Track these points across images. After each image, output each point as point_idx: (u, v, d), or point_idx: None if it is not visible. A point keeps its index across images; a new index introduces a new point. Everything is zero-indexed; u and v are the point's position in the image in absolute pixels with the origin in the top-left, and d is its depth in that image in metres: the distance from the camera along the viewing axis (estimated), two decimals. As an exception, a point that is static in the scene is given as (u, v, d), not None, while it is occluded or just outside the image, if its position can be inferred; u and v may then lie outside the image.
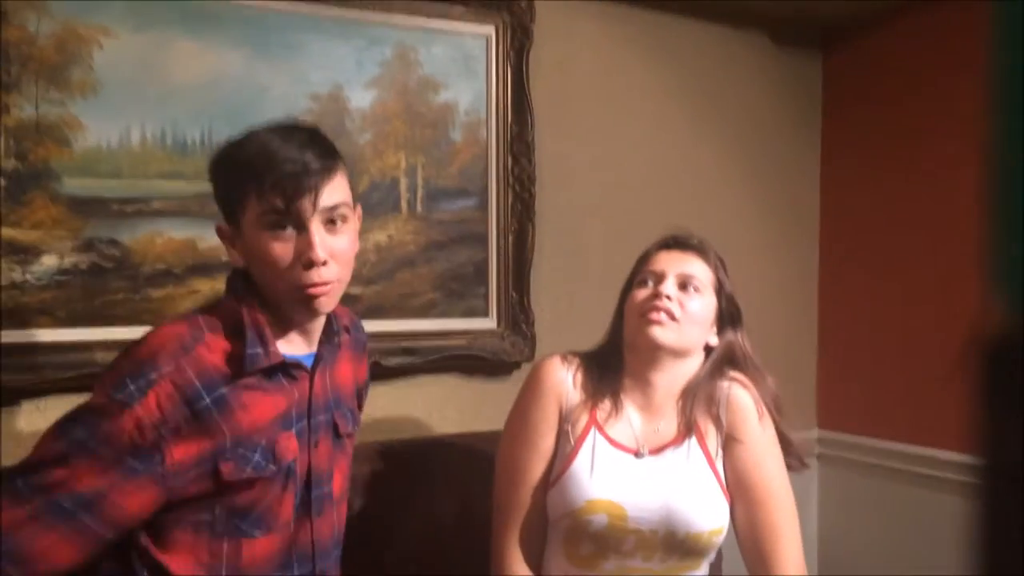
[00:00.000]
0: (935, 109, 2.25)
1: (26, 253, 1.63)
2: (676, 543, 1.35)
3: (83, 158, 1.67)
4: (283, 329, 1.20)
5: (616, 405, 1.44)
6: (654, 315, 1.40)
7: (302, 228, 1.13)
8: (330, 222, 1.15)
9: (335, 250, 1.15)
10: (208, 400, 1.11)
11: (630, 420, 1.44)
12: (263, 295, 1.18)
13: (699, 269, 1.46)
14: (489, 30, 2.04)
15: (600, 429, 1.41)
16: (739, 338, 1.50)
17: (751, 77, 2.44)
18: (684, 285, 1.43)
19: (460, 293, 2.04)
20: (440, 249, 2.01)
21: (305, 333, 1.23)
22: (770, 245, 2.49)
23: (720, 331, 1.49)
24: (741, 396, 1.45)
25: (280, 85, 1.84)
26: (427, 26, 1.98)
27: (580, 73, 2.20)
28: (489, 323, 2.06)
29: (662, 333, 1.40)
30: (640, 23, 2.27)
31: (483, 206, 2.05)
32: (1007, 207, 0.36)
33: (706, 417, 1.43)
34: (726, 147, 2.41)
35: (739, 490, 1.41)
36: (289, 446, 1.18)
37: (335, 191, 1.16)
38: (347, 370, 1.33)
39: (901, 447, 2.32)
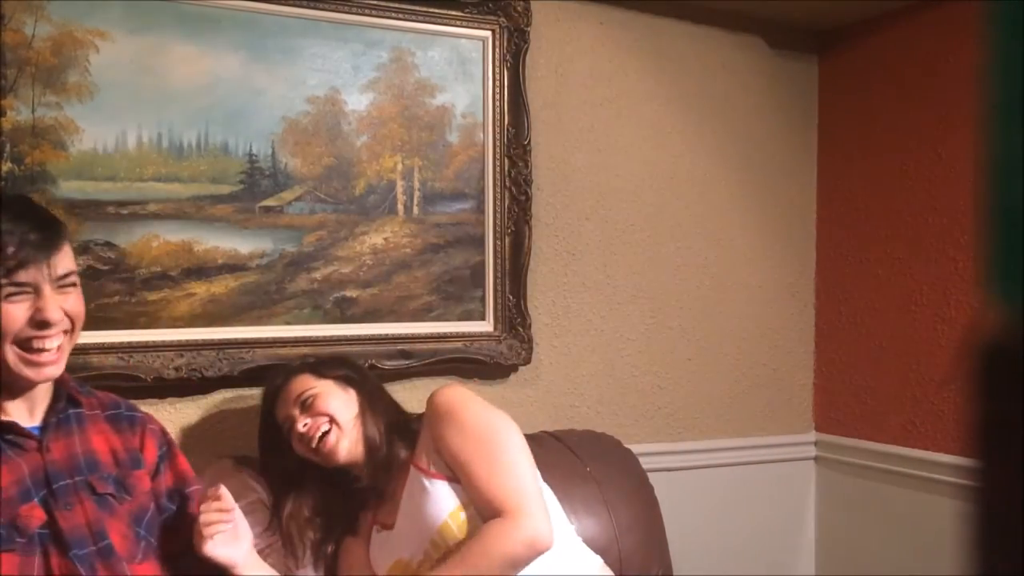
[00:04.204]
0: (931, 112, 2.25)
1: (22, 256, 1.63)
2: (443, 544, 1.48)
3: (79, 161, 1.67)
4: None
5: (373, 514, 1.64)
6: (308, 445, 1.57)
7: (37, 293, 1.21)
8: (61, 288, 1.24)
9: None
10: None
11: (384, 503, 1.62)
12: None
13: (316, 389, 1.60)
14: (486, 33, 2.04)
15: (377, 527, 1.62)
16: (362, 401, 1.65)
17: (747, 81, 2.44)
18: (303, 404, 1.58)
19: (457, 296, 2.04)
20: (437, 252, 2.01)
21: (28, 401, 1.27)
22: (767, 248, 2.49)
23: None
24: (433, 400, 1.59)
25: (277, 88, 1.84)
26: (424, 29, 1.98)
27: (577, 76, 2.20)
28: (486, 326, 2.06)
29: (335, 450, 1.56)
30: (636, 27, 2.28)
31: (480, 209, 2.05)
32: (1003, 210, 0.36)
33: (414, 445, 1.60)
34: (722, 150, 2.41)
35: (455, 467, 1.52)
36: (33, 514, 1.21)
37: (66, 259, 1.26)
38: (101, 441, 1.34)
39: (898, 450, 2.32)
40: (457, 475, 1.51)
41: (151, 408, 1.75)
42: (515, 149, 2.06)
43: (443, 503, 1.50)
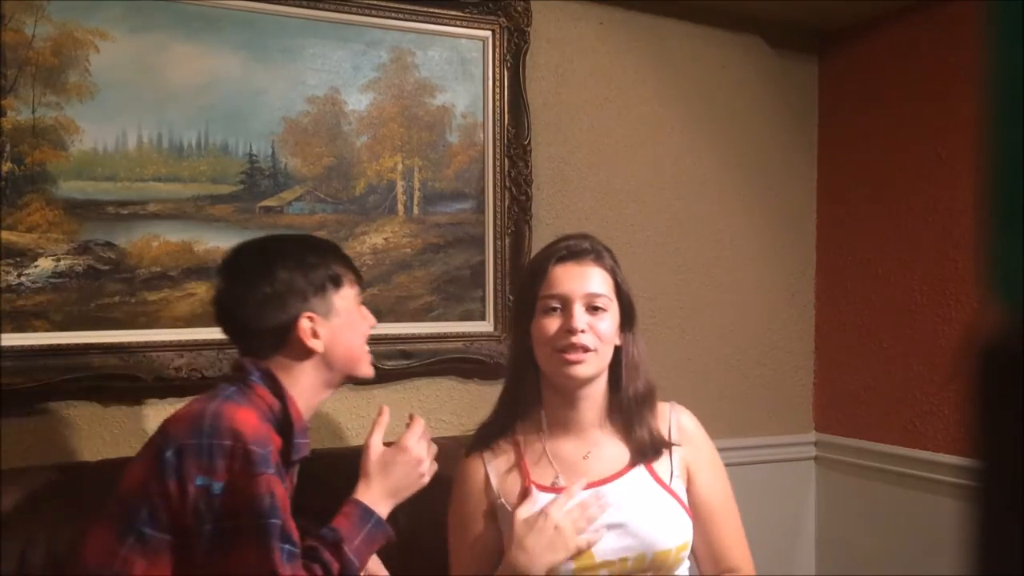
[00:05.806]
0: (931, 113, 2.25)
1: (22, 256, 1.63)
2: (645, 566, 1.37)
3: (79, 161, 1.67)
4: None
5: (545, 451, 1.45)
6: (573, 355, 1.37)
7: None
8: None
9: None
10: (285, 480, 1.25)
11: (565, 458, 1.44)
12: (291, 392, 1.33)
13: (601, 283, 1.41)
14: (486, 33, 2.04)
15: (538, 486, 1.41)
16: (632, 339, 1.46)
17: (747, 81, 2.44)
18: (591, 307, 1.39)
19: (457, 296, 2.04)
20: (437, 252, 2.01)
21: None
22: (766, 249, 2.49)
23: (620, 330, 1.45)
24: (687, 423, 1.51)
25: (277, 88, 1.84)
26: (424, 29, 1.98)
27: (577, 76, 2.20)
28: (486, 326, 2.06)
29: (584, 369, 1.38)
30: (636, 27, 2.28)
31: (480, 209, 2.05)
32: (1003, 211, 0.36)
33: (651, 443, 1.44)
34: (722, 151, 2.41)
35: (696, 510, 1.46)
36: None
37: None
38: None
39: (898, 450, 2.32)
40: (701, 511, 1.46)
41: (151, 408, 1.75)
42: (515, 149, 2.06)
43: (678, 531, 1.39)
